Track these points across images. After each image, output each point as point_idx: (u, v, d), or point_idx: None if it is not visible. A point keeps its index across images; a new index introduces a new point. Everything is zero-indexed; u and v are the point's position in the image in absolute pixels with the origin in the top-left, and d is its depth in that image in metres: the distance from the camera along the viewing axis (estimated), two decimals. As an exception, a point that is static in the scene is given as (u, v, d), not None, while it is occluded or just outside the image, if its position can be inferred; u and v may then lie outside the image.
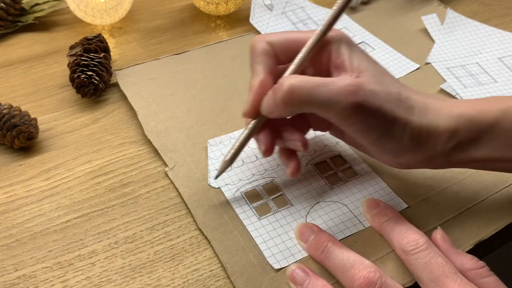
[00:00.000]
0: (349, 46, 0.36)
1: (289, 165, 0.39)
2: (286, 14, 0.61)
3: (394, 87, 0.36)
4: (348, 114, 0.34)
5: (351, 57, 0.36)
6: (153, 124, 0.46)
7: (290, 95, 0.34)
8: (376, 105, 0.34)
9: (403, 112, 0.35)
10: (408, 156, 0.37)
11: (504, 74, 0.53)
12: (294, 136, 0.38)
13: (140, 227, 0.38)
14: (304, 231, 0.37)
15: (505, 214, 0.39)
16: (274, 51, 0.37)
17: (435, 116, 0.36)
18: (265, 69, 0.37)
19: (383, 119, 0.35)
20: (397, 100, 0.35)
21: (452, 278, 0.32)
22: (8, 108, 0.44)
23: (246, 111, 0.37)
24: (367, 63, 0.36)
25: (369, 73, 0.35)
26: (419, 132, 0.35)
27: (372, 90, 0.34)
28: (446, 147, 0.36)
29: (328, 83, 0.34)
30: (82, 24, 0.60)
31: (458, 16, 0.60)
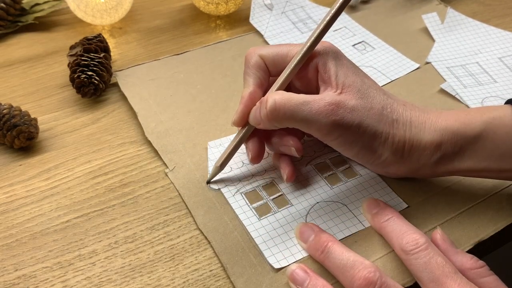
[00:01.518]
0: (335, 60, 0.38)
1: (284, 170, 0.40)
2: (286, 13, 0.61)
3: (378, 101, 0.37)
4: (327, 131, 0.36)
5: (337, 72, 0.37)
6: (153, 125, 0.46)
7: (274, 111, 0.36)
8: (355, 122, 0.36)
9: (384, 126, 0.37)
10: (394, 167, 0.39)
11: (504, 74, 0.53)
12: (287, 142, 0.39)
13: (140, 227, 0.38)
14: (304, 231, 0.37)
15: (505, 214, 0.39)
16: (265, 64, 0.39)
17: (419, 129, 0.37)
18: (255, 81, 0.39)
19: (363, 135, 0.36)
20: (380, 114, 0.37)
21: (452, 278, 0.32)
22: (8, 108, 0.44)
23: (235, 120, 0.39)
24: (353, 78, 0.37)
25: (354, 88, 0.37)
26: (403, 145, 0.37)
27: (353, 107, 0.36)
28: (430, 159, 0.37)
29: (310, 102, 0.36)
30: (82, 24, 0.60)
31: (458, 15, 0.60)
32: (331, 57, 0.38)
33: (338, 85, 0.37)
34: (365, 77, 0.38)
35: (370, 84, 0.38)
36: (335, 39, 0.58)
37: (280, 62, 0.39)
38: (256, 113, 0.38)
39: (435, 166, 0.38)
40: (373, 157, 0.38)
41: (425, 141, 0.37)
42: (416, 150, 0.37)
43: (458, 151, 0.37)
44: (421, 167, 0.38)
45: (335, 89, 0.37)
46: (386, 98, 0.38)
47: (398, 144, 0.37)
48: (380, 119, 0.37)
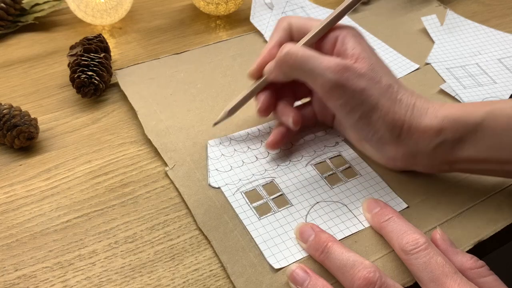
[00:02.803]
0: (355, 37, 0.39)
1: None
2: (287, 13, 0.61)
3: (387, 79, 0.38)
4: (331, 88, 0.37)
5: (354, 46, 0.38)
6: (153, 124, 0.46)
7: (286, 57, 0.39)
8: (359, 87, 0.37)
9: (387, 102, 0.37)
10: (391, 149, 0.39)
11: (503, 75, 0.53)
12: (288, 112, 0.42)
13: (140, 227, 0.38)
14: (304, 231, 0.37)
15: (505, 214, 0.39)
16: (291, 30, 0.42)
17: (421, 113, 0.38)
18: (277, 40, 0.42)
19: (364, 103, 0.37)
20: (385, 90, 0.38)
21: (452, 278, 0.32)
22: (8, 108, 0.44)
23: (251, 71, 0.43)
24: (369, 54, 0.39)
25: (367, 61, 0.38)
26: (401, 125, 0.38)
27: (361, 73, 0.37)
28: (429, 145, 0.38)
29: (321, 57, 0.38)
30: (82, 24, 0.60)
31: (458, 17, 0.61)
32: (351, 35, 0.39)
33: (353, 56, 0.38)
34: (380, 61, 0.40)
35: (383, 66, 0.39)
36: (335, 40, 0.58)
37: (304, 31, 0.41)
38: (270, 68, 0.41)
39: (434, 152, 0.38)
40: (371, 131, 0.38)
41: (424, 125, 0.37)
42: (414, 133, 0.38)
43: (458, 138, 0.37)
44: (418, 152, 0.38)
45: (350, 59, 0.38)
46: (396, 81, 0.39)
47: (397, 122, 0.38)
48: (384, 94, 0.38)
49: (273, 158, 0.44)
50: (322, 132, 0.46)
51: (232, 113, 0.43)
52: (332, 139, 0.45)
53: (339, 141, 0.45)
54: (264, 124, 0.47)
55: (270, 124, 0.47)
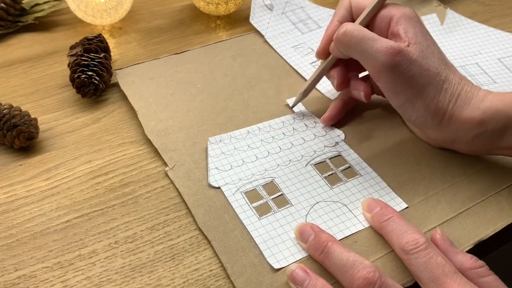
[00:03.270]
0: (409, 19, 0.41)
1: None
2: (286, 14, 0.61)
3: (436, 66, 0.39)
4: (380, 70, 0.39)
5: (407, 28, 0.40)
6: (153, 124, 0.46)
7: (342, 36, 0.41)
8: (409, 73, 0.38)
9: (433, 90, 0.39)
10: (431, 132, 0.41)
11: (503, 75, 0.53)
12: (359, 86, 0.44)
13: (140, 227, 0.38)
14: (304, 231, 0.37)
15: (505, 214, 0.39)
16: (351, 8, 0.44)
17: (464, 103, 0.39)
18: (339, 18, 0.44)
19: (410, 88, 0.39)
20: (432, 78, 0.39)
21: (452, 278, 0.32)
22: (9, 108, 0.44)
23: (318, 51, 0.45)
24: (421, 39, 0.40)
25: (420, 47, 0.39)
26: (443, 113, 0.39)
27: (412, 59, 0.38)
28: (468, 134, 0.39)
29: (375, 39, 0.39)
30: (82, 24, 0.60)
31: (458, 17, 0.61)
32: (406, 16, 0.40)
33: (406, 38, 0.39)
34: (433, 45, 0.40)
35: (435, 52, 0.40)
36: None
37: (362, 9, 0.43)
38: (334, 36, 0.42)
39: (473, 141, 0.39)
40: (414, 115, 0.40)
41: (465, 116, 0.39)
42: (455, 122, 0.39)
43: (498, 129, 0.38)
44: (458, 139, 0.40)
45: (403, 41, 0.39)
46: (444, 68, 0.40)
47: (440, 111, 0.39)
48: (431, 82, 0.39)
49: (273, 158, 0.44)
50: (322, 132, 0.46)
51: (307, 93, 0.47)
52: (332, 139, 0.45)
53: (339, 141, 0.45)
54: (264, 123, 0.47)
55: (270, 123, 0.47)
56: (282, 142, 0.45)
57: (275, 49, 0.56)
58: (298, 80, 0.52)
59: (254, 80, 0.52)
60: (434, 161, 0.43)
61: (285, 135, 0.46)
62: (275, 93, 0.50)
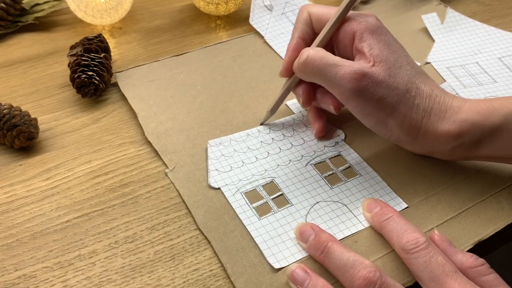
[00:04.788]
0: (373, 34, 0.39)
1: (315, 125, 0.44)
2: (286, 14, 0.61)
3: (405, 83, 0.38)
4: (347, 97, 0.38)
5: (372, 45, 0.38)
6: (153, 126, 0.46)
7: (304, 64, 0.40)
8: (377, 95, 0.37)
9: (403, 108, 0.38)
10: (408, 146, 0.41)
11: (503, 74, 0.53)
12: (327, 99, 0.43)
13: (140, 227, 0.38)
14: (304, 231, 0.37)
15: (505, 214, 0.39)
16: (311, 21, 0.42)
17: (438, 117, 0.38)
18: (299, 34, 0.42)
19: (380, 110, 0.38)
20: (402, 96, 0.38)
21: (453, 277, 0.32)
22: (9, 108, 0.44)
23: (281, 71, 0.44)
24: (388, 54, 0.38)
25: (385, 64, 0.38)
26: (418, 129, 0.38)
27: (378, 81, 0.37)
28: (446, 146, 0.39)
29: (338, 65, 0.38)
30: (82, 24, 0.60)
31: (458, 16, 0.60)
32: (369, 30, 0.39)
33: (371, 57, 0.38)
34: (401, 57, 0.39)
35: (403, 64, 0.39)
36: (335, 39, 0.58)
37: (323, 22, 0.41)
38: (295, 63, 0.41)
39: (450, 152, 0.39)
40: (388, 134, 0.40)
41: (441, 130, 0.38)
42: (431, 136, 0.38)
43: (475, 140, 0.38)
44: (435, 151, 0.40)
45: (368, 61, 0.38)
46: (414, 81, 0.39)
47: (414, 127, 0.38)
48: (401, 101, 0.38)
49: (273, 158, 0.44)
50: (322, 132, 0.46)
51: (274, 111, 0.46)
52: (332, 139, 0.45)
53: (339, 141, 0.45)
54: (264, 125, 0.47)
55: (270, 125, 0.47)
56: (282, 143, 0.45)
57: (275, 50, 0.56)
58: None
59: (254, 81, 0.52)
60: (434, 161, 0.43)
61: (285, 136, 0.46)
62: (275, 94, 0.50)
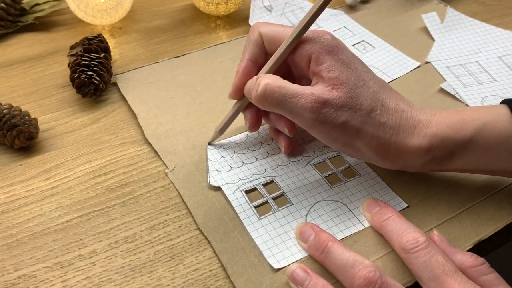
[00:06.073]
0: (330, 54, 0.37)
1: (281, 143, 0.43)
2: (286, 15, 0.61)
3: (369, 102, 0.37)
4: (310, 125, 0.37)
5: (330, 67, 0.37)
6: (153, 127, 0.46)
7: (263, 96, 0.37)
8: (339, 121, 0.36)
9: (370, 128, 0.36)
10: (380, 164, 0.39)
11: (503, 73, 0.53)
12: (281, 122, 0.41)
13: (140, 227, 0.38)
14: (304, 230, 0.37)
15: (505, 213, 0.39)
16: (262, 42, 0.40)
17: (407, 134, 0.37)
18: (250, 56, 0.40)
19: (345, 133, 0.37)
20: (367, 116, 0.36)
21: (453, 277, 0.32)
22: (8, 108, 0.44)
23: (230, 93, 0.42)
24: (348, 74, 0.37)
25: (346, 86, 0.36)
26: (387, 147, 0.37)
27: (339, 106, 0.36)
28: (418, 161, 0.37)
29: (298, 95, 0.36)
30: (82, 24, 0.60)
31: (458, 15, 0.60)
32: (326, 51, 0.37)
33: (330, 80, 0.36)
34: (362, 74, 0.37)
35: (366, 80, 0.37)
36: (335, 39, 0.58)
37: (276, 43, 0.39)
38: (250, 90, 0.39)
39: (422, 167, 0.38)
40: (357, 155, 0.39)
41: (411, 145, 0.37)
42: (402, 153, 0.37)
43: (447, 155, 0.37)
44: (408, 166, 0.39)
45: (327, 84, 0.36)
46: (379, 97, 0.37)
47: (383, 146, 0.37)
48: (366, 121, 0.36)
49: (273, 158, 0.43)
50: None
51: (223, 131, 0.44)
52: (332, 138, 0.45)
53: (339, 140, 0.45)
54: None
55: (270, 124, 0.47)
56: (282, 142, 0.45)
57: (275, 49, 0.56)
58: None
59: (254, 80, 0.52)
60: (434, 161, 0.43)
61: (285, 135, 0.46)
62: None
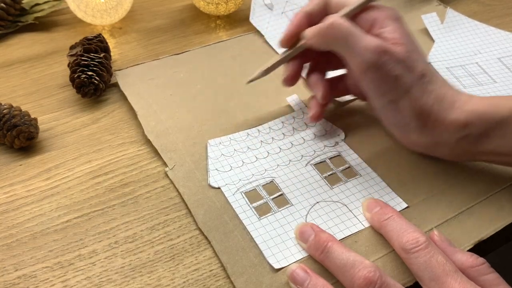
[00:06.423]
0: (395, 21, 0.40)
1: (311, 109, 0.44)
2: (286, 13, 0.61)
3: (422, 67, 0.39)
4: (366, 69, 0.38)
5: (394, 30, 0.39)
6: (153, 124, 0.46)
7: (329, 29, 0.39)
8: (394, 73, 0.38)
9: (417, 91, 0.38)
10: (414, 135, 0.40)
11: (503, 74, 0.53)
12: (320, 85, 0.43)
13: (140, 227, 0.38)
14: (304, 231, 0.37)
15: (505, 214, 0.39)
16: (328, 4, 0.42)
17: (448, 106, 0.38)
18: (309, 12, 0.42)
19: (395, 89, 0.38)
20: (418, 79, 0.38)
21: (453, 277, 0.32)
22: (8, 108, 0.44)
23: (283, 38, 0.43)
24: (408, 40, 0.39)
25: (406, 47, 0.38)
26: (427, 115, 0.38)
27: (398, 59, 0.38)
28: (452, 136, 0.38)
29: (363, 35, 0.38)
30: (82, 24, 0.60)
31: (458, 16, 0.60)
32: (392, 18, 0.40)
33: (392, 39, 0.39)
34: (417, 47, 0.40)
35: (420, 53, 0.40)
36: (335, 39, 0.58)
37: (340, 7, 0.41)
38: (311, 29, 0.40)
39: (457, 144, 0.39)
40: (398, 116, 0.39)
41: (450, 118, 0.38)
42: (440, 125, 0.38)
43: (483, 132, 0.38)
44: (441, 142, 0.39)
45: (390, 42, 0.38)
46: (429, 70, 0.39)
47: (425, 112, 0.38)
48: (416, 83, 0.38)
49: (273, 158, 0.44)
50: (322, 131, 0.46)
51: (267, 73, 0.44)
52: (332, 139, 0.45)
53: (339, 141, 0.45)
54: (264, 125, 0.47)
55: (270, 125, 0.47)
56: (282, 142, 0.45)
57: (275, 49, 0.56)
58: (298, 80, 0.52)
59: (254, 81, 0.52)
60: (434, 161, 0.43)
61: (285, 136, 0.46)
62: (275, 93, 0.50)
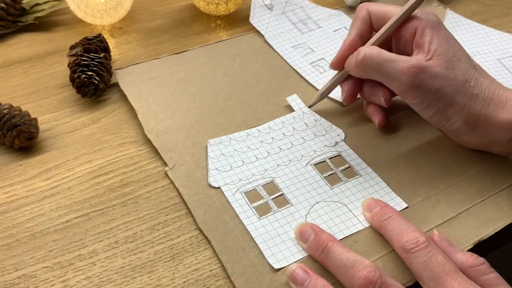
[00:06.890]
0: (434, 29, 0.41)
1: (376, 116, 0.46)
2: (286, 14, 0.61)
3: (463, 73, 0.39)
4: (406, 90, 0.40)
5: (432, 40, 0.40)
6: (153, 124, 0.46)
7: (362, 62, 0.42)
8: (434, 87, 0.39)
9: (463, 98, 0.39)
10: (466, 137, 0.41)
11: (502, 76, 0.53)
12: (378, 92, 0.45)
13: (140, 227, 0.38)
14: (304, 231, 0.37)
15: (505, 214, 0.39)
16: (370, 19, 0.44)
17: (498, 107, 0.39)
18: (357, 31, 0.44)
19: (439, 100, 0.39)
20: (461, 86, 0.39)
21: (453, 277, 0.32)
22: (9, 108, 0.44)
23: (332, 63, 0.46)
24: (446, 48, 0.40)
25: (444, 57, 0.39)
26: (477, 118, 0.39)
27: (436, 74, 0.39)
28: (504, 137, 0.39)
29: (396, 61, 0.40)
30: (82, 24, 0.60)
31: (457, 17, 0.61)
32: (430, 25, 0.41)
33: (429, 51, 0.40)
34: (459, 50, 0.41)
35: (462, 57, 0.40)
36: (334, 39, 0.58)
37: (383, 20, 0.43)
38: (350, 60, 0.43)
39: (509, 143, 0.40)
40: (446, 123, 0.40)
41: (501, 119, 0.39)
42: (490, 126, 0.39)
43: None
44: (493, 142, 0.40)
45: (426, 55, 0.40)
46: (473, 73, 0.40)
47: (473, 116, 0.39)
48: (460, 90, 0.39)
49: (273, 158, 0.44)
50: (322, 131, 0.46)
51: (323, 97, 0.48)
52: (332, 139, 0.45)
53: (339, 141, 0.45)
54: (264, 125, 0.47)
55: (270, 125, 0.47)
56: (282, 142, 0.45)
57: (275, 49, 0.56)
58: (298, 80, 0.52)
59: (254, 80, 0.52)
60: (434, 161, 0.43)
61: (285, 135, 0.46)
62: (275, 93, 0.50)
